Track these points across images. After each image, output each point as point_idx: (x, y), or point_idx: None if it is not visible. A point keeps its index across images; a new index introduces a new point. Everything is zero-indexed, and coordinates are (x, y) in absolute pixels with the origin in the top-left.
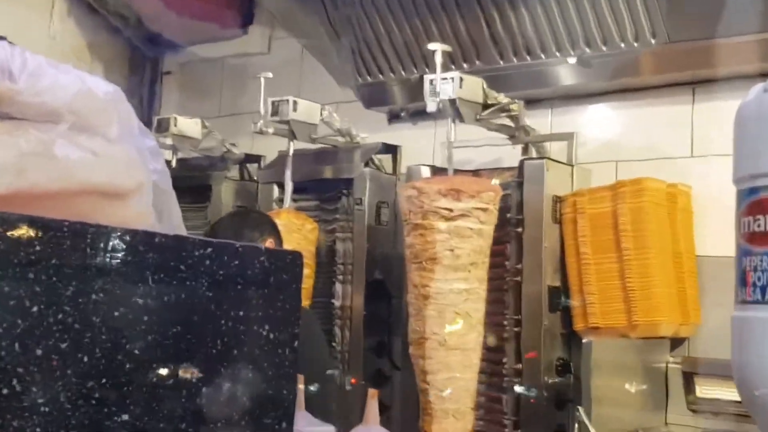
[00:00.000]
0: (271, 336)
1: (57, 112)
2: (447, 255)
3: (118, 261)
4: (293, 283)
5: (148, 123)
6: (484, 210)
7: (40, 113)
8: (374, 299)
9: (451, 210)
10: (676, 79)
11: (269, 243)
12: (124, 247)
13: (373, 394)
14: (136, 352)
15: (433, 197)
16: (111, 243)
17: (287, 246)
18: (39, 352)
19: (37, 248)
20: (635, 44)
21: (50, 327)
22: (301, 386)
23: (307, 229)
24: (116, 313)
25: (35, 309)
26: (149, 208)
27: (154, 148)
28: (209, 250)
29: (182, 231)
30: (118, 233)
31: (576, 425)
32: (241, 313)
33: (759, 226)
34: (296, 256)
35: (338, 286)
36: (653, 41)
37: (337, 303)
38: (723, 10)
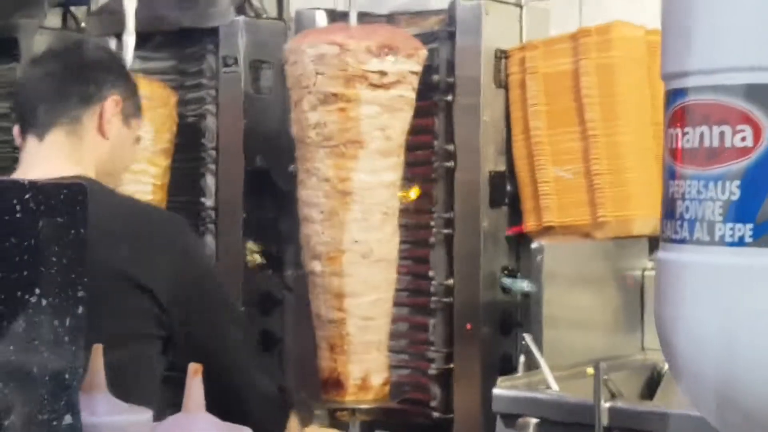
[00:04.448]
0: (44, 299)
1: None
2: (377, 136)
3: None
4: (72, 228)
5: None
6: (417, 74)
7: None
8: (256, 195)
9: (384, 74)
10: None
11: (113, 100)
12: None
13: (195, 370)
14: None
15: (361, 57)
16: None
17: (150, 126)
18: None
19: None
20: None
21: None
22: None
23: (171, 103)
24: None
25: None
26: None
27: None
28: None
29: None
30: None
31: (522, 356)
32: None
33: (687, 138)
34: (77, 191)
35: (208, 179)
36: None
37: (207, 202)
38: None
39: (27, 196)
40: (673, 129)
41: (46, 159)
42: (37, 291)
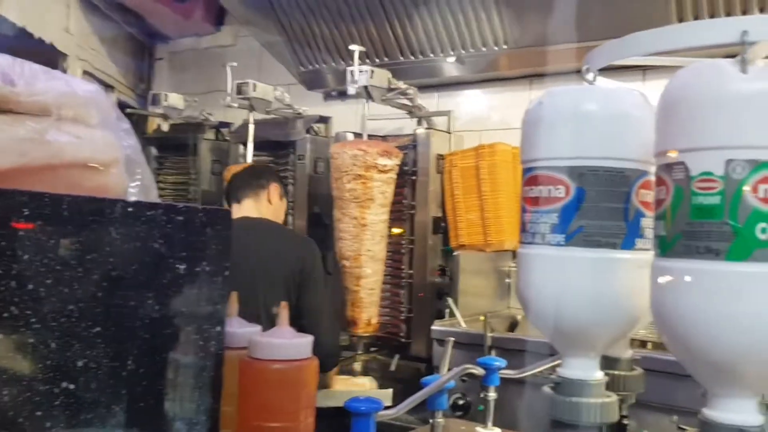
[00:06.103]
0: (207, 268)
1: (48, 107)
2: (380, 196)
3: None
4: (224, 230)
5: (146, 97)
6: (398, 165)
7: (35, 109)
8: (314, 226)
9: (385, 165)
10: (520, 73)
11: (274, 187)
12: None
13: (284, 306)
14: (106, 283)
15: (374, 156)
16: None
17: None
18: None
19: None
20: (494, 48)
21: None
22: (235, 303)
23: None
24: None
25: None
26: (124, 175)
27: (128, 129)
28: (160, 210)
29: (152, 187)
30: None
31: (447, 310)
32: (184, 253)
33: (532, 192)
34: (225, 213)
35: (290, 218)
36: (505, 46)
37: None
38: (551, 25)
39: (200, 214)
40: (527, 187)
41: (242, 210)
42: (204, 263)
